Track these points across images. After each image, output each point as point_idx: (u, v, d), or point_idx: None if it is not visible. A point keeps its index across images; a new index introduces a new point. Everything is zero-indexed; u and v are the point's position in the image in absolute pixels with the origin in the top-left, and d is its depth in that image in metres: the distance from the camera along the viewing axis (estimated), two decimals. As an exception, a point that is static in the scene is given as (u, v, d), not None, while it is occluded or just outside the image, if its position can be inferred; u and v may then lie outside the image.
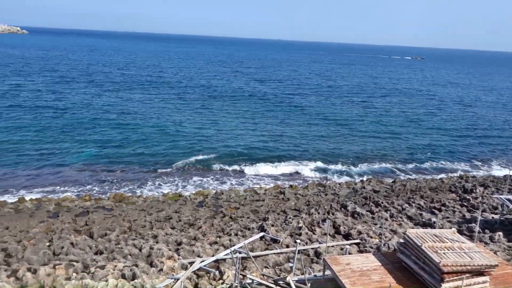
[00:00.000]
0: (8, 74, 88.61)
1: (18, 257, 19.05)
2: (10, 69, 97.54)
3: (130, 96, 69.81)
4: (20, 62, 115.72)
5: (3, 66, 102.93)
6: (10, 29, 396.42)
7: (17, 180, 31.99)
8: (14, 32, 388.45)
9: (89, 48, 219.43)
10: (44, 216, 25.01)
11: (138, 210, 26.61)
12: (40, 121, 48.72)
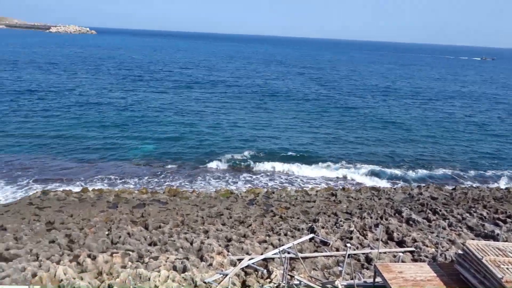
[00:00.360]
0: (76, 71, 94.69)
1: (79, 244, 20.29)
2: (78, 68, 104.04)
3: (187, 94, 71.95)
4: (87, 61, 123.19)
5: (71, 64, 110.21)
6: (81, 29, 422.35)
7: (81, 171, 34.07)
8: (84, 32, 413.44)
9: (152, 48, 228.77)
10: (104, 206, 26.42)
11: (191, 205, 27.34)
12: (103, 118, 51.51)
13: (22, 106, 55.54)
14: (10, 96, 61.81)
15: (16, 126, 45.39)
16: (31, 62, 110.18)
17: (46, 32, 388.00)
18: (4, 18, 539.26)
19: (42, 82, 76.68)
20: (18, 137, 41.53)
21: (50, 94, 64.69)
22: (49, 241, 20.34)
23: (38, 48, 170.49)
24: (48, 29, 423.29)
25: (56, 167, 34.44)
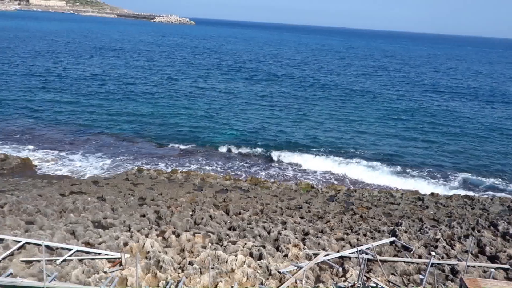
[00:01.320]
0: (174, 61, 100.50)
1: (166, 220, 21.76)
2: (176, 59, 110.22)
3: (275, 88, 72.59)
4: (184, 51, 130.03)
5: (171, 54, 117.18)
6: (181, 20, 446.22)
7: (172, 154, 36.33)
8: (184, 22, 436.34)
9: (244, 37, 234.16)
10: (190, 188, 27.93)
11: (271, 195, 27.77)
12: (193, 104, 54.21)
13: (122, 89, 60.61)
14: (111, 81, 67.81)
15: (120, 109, 49.77)
16: (135, 50, 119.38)
17: (150, 22, 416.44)
18: (115, 8, 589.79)
19: (142, 68, 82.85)
20: (122, 119, 45.50)
21: (146, 82, 69.65)
22: (140, 215, 22.10)
23: (146, 36, 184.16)
24: (152, 19, 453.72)
25: (151, 148, 37.17)
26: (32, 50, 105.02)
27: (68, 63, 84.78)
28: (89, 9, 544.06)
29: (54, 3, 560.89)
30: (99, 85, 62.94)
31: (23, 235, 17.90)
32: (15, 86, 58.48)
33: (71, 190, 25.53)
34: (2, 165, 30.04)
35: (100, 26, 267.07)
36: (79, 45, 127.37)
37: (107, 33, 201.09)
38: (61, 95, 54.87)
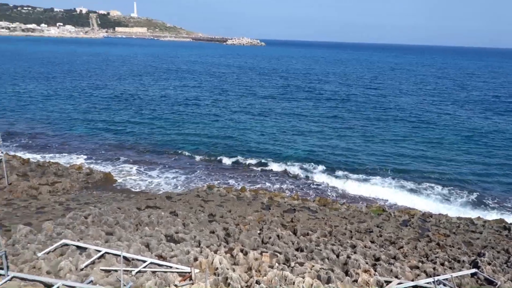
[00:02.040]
0: (246, 82, 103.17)
1: (234, 238, 22.04)
2: (245, 80, 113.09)
3: (342, 107, 71.45)
4: (253, 72, 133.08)
5: (241, 74, 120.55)
6: (252, 41, 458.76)
7: (241, 172, 36.96)
8: (255, 44, 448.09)
9: (315, 59, 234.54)
10: (258, 206, 28.14)
11: (340, 217, 27.07)
12: (261, 124, 55.01)
13: (195, 110, 63.24)
14: (185, 101, 71.07)
15: (193, 128, 52.01)
16: (206, 72, 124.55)
17: (223, 44, 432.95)
18: (191, 32, 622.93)
19: (213, 89, 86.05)
20: (195, 139, 47.46)
21: (217, 102, 72.04)
22: (210, 231, 22.63)
23: (218, 58, 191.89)
24: (225, 41, 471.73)
25: (221, 166, 38.19)
26: (115, 73, 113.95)
27: (147, 85, 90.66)
28: (167, 34, 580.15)
29: (137, 30, 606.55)
30: (175, 106, 66.38)
31: (103, 245, 19.12)
32: (100, 107, 63.63)
33: (147, 205, 26.90)
34: (87, 179, 32.55)
35: (177, 50, 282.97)
36: (156, 68, 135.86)
37: (182, 56, 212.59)
38: (140, 115, 58.61)
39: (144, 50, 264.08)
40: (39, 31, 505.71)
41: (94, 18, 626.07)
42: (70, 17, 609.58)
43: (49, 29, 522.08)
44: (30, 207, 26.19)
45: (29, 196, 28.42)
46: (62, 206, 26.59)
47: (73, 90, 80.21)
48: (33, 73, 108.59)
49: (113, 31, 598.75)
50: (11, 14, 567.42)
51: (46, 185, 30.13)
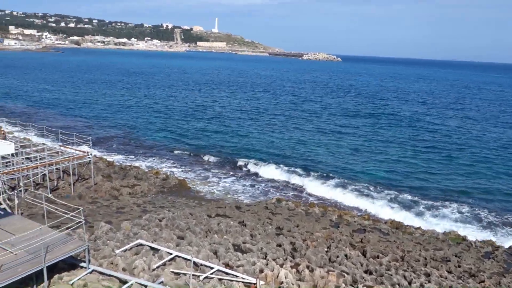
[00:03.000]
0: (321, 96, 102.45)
1: (301, 253, 21.77)
2: (320, 94, 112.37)
3: (419, 127, 67.94)
4: (328, 87, 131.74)
5: (317, 89, 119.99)
6: (328, 57, 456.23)
7: (311, 188, 36.55)
8: (330, 59, 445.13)
9: (392, 76, 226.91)
10: (327, 223, 27.56)
11: (414, 242, 25.58)
12: (336, 142, 54.11)
13: (270, 122, 63.96)
14: (260, 113, 72.13)
15: (265, 140, 52.68)
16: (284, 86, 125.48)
17: (299, 59, 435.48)
18: (268, 48, 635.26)
19: (285, 103, 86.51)
20: (267, 150, 48.01)
21: (291, 116, 72.22)
22: (276, 244, 22.59)
23: (293, 72, 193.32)
24: (301, 56, 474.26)
25: (290, 180, 38.06)
26: (195, 84, 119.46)
27: (223, 97, 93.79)
28: (245, 48, 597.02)
29: (217, 44, 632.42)
30: (250, 117, 67.80)
31: (174, 248, 19.92)
32: (181, 116, 66.98)
33: (217, 213, 27.59)
34: (163, 184, 34.25)
35: (253, 64, 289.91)
36: (233, 82, 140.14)
37: (258, 71, 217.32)
38: (217, 125, 60.68)
39: (223, 64, 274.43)
40: (129, 44, 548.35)
41: (178, 33, 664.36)
42: (157, 32, 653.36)
43: (138, 43, 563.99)
44: (111, 207, 28.14)
45: (111, 196, 30.56)
46: (140, 208, 28.21)
47: (157, 99, 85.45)
48: (123, 84, 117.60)
49: (194, 45, 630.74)
50: (106, 29, 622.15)
51: (127, 187, 32.20)
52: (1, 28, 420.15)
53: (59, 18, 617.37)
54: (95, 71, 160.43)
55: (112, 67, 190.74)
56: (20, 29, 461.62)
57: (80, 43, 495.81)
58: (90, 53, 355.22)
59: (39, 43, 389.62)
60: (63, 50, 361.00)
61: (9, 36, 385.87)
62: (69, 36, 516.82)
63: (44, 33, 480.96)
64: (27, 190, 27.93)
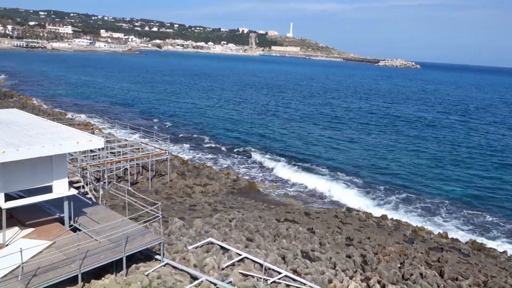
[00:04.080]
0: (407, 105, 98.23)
1: (372, 267, 20.92)
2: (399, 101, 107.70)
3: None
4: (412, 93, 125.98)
5: (394, 97, 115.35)
6: (406, 63, 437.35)
7: (386, 198, 35.09)
8: (408, 66, 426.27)
9: (476, 85, 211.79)
10: (400, 238, 26.23)
11: (498, 267, 23.43)
12: (418, 151, 51.53)
13: (354, 128, 62.54)
14: (338, 118, 70.81)
15: (343, 144, 51.69)
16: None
17: (374, 65, 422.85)
18: (342, 53, 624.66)
19: (364, 112, 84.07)
20: (343, 155, 47.06)
21: (375, 127, 69.99)
22: (346, 255, 21.94)
23: (367, 79, 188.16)
24: (376, 62, 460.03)
25: (363, 188, 36.86)
26: (267, 89, 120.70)
27: (296, 101, 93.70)
28: (319, 53, 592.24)
29: (290, 49, 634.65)
30: (324, 124, 67.01)
31: (243, 250, 20.12)
32: (249, 119, 68.03)
33: (286, 218, 27.48)
34: (233, 185, 34.89)
35: (328, 70, 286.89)
36: (306, 87, 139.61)
37: (332, 76, 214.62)
38: (287, 128, 60.74)
39: (296, 69, 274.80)
40: (206, 48, 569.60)
41: (253, 37, 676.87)
42: (233, 36, 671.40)
43: (214, 47, 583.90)
44: (185, 204, 29.24)
45: (184, 193, 31.78)
46: (211, 206, 28.99)
47: (232, 102, 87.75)
48: (200, 85, 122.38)
49: (268, 49, 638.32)
50: (186, 33, 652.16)
51: (199, 185, 33.27)
52: (93, 32, 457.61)
53: (144, 22, 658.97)
54: (174, 73, 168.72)
55: (190, 69, 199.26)
56: (110, 32, 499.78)
57: (161, 46, 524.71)
58: (170, 56, 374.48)
59: (125, 46, 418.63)
60: (146, 53, 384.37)
61: (100, 39, 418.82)
62: (152, 40, 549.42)
63: (130, 37, 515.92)
64: (110, 182, 29.96)
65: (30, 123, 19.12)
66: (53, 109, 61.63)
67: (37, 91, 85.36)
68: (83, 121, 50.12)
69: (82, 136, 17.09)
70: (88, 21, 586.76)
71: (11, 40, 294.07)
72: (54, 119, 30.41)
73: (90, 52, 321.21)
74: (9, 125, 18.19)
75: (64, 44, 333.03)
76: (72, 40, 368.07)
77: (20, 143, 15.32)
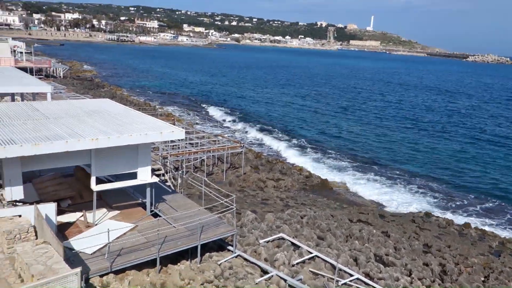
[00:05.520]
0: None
1: (452, 278, 19.61)
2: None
3: None
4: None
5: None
6: (499, 59, 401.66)
7: (470, 205, 32.63)
8: (502, 62, 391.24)
9: None
10: (485, 249, 24.25)
11: None
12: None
13: (440, 128, 59.15)
14: (425, 119, 67.21)
15: (420, 144, 49.06)
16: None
17: (462, 61, 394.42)
18: (426, 47, 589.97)
19: (445, 109, 78.83)
20: (420, 155, 44.69)
21: (466, 121, 65.53)
22: (423, 262, 20.77)
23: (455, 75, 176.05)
24: (465, 58, 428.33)
25: (446, 193, 34.62)
26: (347, 86, 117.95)
27: (367, 98, 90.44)
28: (401, 48, 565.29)
29: (370, 43, 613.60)
30: (405, 122, 64.03)
31: (314, 248, 19.92)
32: (327, 116, 66.97)
33: (359, 218, 26.70)
34: (306, 181, 34.64)
35: (410, 65, 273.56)
36: (383, 84, 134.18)
37: (417, 72, 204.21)
38: (369, 127, 58.89)
39: (376, 64, 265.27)
40: (283, 42, 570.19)
41: (332, 31, 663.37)
42: (310, 30, 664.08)
43: (291, 41, 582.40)
44: (257, 197, 29.64)
45: (257, 187, 32.21)
46: (282, 202, 29.08)
47: (308, 98, 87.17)
48: (275, 80, 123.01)
49: (347, 43, 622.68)
50: (264, 28, 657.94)
51: (272, 180, 33.50)
52: (177, 26, 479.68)
53: (224, 17, 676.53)
54: (252, 66, 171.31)
55: (266, 63, 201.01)
56: (192, 27, 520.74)
57: (239, 40, 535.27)
58: (248, 49, 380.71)
59: (205, 40, 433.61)
60: (225, 46, 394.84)
61: (182, 33, 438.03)
62: (231, 34, 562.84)
63: (211, 31, 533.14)
64: (188, 172, 31.30)
65: (119, 112, 20.53)
66: (138, 99, 65.74)
67: (125, 82, 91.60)
68: (165, 112, 52.83)
69: (165, 127, 17.96)
70: (173, 16, 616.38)
71: (104, 34, 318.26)
72: (139, 109, 32.40)
73: (173, 46, 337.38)
74: (101, 114, 19.68)
75: (150, 38, 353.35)
76: (157, 34, 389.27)
77: (111, 131, 16.51)
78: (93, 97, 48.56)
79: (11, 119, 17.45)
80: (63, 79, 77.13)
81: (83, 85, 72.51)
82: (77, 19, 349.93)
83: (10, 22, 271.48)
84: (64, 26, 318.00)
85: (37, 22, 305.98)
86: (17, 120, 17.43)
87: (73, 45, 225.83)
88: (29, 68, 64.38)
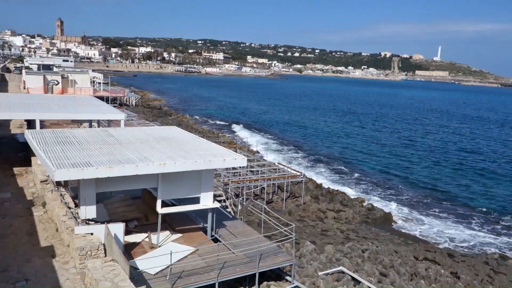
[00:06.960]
0: None
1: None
2: None
3: None
4: None
5: None
6: None
7: None
8: None
9: None
10: None
11: None
12: None
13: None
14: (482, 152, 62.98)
15: (490, 182, 45.83)
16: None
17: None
18: (500, 78, 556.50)
19: None
20: (489, 191, 41.68)
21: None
22: (498, 309, 19.01)
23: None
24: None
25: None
26: (404, 116, 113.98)
27: (443, 132, 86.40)
28: (471, 78, 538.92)
29: (437, 73, 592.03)
30: (481, 154, 60.41)
31: (376, 285, 19.03)
32: (387, 147, 64.88)
33: (425, 256, 25.19)
34: (368, 214, 33.50)
35: (479, 96, 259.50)
36: (454, 116, 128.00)
37: (487, 104, 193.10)
38: (437, 162, 56.20)
39: (443, 94, 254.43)
40: (345, 72, 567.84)
41: (396, 62, 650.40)
42: (374, 61, 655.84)
43: (354, 71, 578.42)
44: (317, 228, 29.11)
45: (317, 217, 31.68)
46: (343, 234, 28.28)
47: (370, 129, 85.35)
48: (337, 111, 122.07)
49: (412, 74, 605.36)
50: (326, 58, 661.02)
51: (332, 211, 32.80)
52: (241, 58, 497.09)
53: (287, 48, 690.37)
54: (312, 96, 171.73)
55: (327, 94, 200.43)
56: (255, 58, 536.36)
57: (301, 70, 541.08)
58: (309, 80, 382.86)
59: (268, 70, 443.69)
60: (287, 77, 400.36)
61: (246, 64, 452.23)
62: (293, 64, 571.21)
63: (274, 62, 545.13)
64: (248, 199, 31.61)
65: (185, 139, 21.46)
66: (202, 127, 68.22)
67: (191, 110, 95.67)
68: (227, 139, 54.22)
69: (228, 154, 18.46)
70: (237, 48, 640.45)
71: (173, 66, 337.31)
72: (203, 136, 33.61)
73: (237, 76, 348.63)
74: (169, 141, 20.69)
75: (215, 69, 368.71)
76: (222, 65, 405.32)
77: (177, 156, 17.28)
78: (161, 124, 51.15)
79: (89, 144, 18.90)
80: (135, 107, 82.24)
81: (153, 113, 76.68)
82: (150, 52, 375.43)
83: (91, 56, 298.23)
84: (138, 59, 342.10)
85: (114, 56, 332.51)
86: (94, 144, 18.83)
87: (145, 76, 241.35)
88: (105, 97, 69.47)
